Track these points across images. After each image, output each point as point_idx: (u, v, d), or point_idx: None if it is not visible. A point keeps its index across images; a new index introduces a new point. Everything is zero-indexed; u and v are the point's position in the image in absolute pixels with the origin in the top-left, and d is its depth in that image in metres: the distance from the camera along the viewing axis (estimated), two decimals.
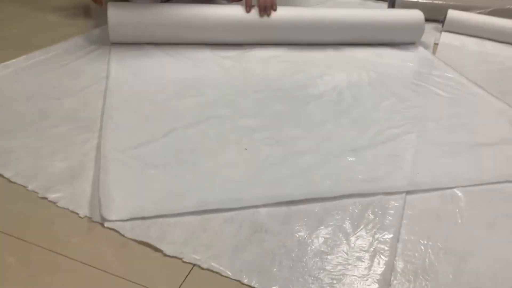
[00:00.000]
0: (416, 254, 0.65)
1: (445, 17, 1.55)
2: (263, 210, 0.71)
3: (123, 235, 0.64)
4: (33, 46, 1.17)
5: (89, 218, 0.67)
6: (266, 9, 1.22)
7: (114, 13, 1.14)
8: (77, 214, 0.67)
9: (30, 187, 0.71)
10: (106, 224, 0.65)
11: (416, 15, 1.38)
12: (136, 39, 1.19)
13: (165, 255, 0.62)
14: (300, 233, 0.67)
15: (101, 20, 1.42)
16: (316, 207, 0.72)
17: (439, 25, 1.58)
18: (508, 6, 1.61)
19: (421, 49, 1.39)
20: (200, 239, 0.64)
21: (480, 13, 1.60)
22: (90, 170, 0.76)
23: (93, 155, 0.80)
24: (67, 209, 0.68)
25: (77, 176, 0.74)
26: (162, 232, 0.65)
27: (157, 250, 0.62)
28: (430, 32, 1.54)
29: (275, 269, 0.61)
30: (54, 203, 0.69)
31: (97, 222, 0.66)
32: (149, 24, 1.17)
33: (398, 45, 1.39)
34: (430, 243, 0.67)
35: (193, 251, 0.62)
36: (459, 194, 0.77)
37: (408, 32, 1.38)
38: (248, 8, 1.22)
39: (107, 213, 0.66)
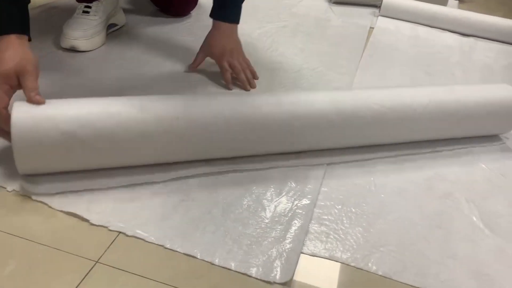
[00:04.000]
0: (330, 218, 0.71)
1: (381, 2, 1.62)
2: (192, 181, 0.74)
3: (51, 207, 0.66)
4: None
5: (17, 192, 0.68)
6: (250, 82, 1.04)
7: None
8: (5, 188, 0.68)
9: None
10: (34, 197, 0.67)
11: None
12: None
13: (92, 224, 0.64)
14: (225, 201, 0.71)
15: (36, 1, 1.40)
16: (243, 177, 0.76)
17: (376, 10, 1.66)
18: None
19: None
20: (128, 210, 0.67)
21: None
22: None
23: None
24: None
25: (5, 153, 0.75)
26: (90, 204, 0.67)
27: (84, 220, 0.65)
28: (367, 17, 1.61)
29: (198, 234, 0.65)
30: None
31: (26, 196, 0.67)
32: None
33: None
34: (344, 208, 0.73)
35: (119, 220, 0.65)
36: (376, 164, 0.84)
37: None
38: (230, 85, 1.03)
39: (34, 188, 0.68)
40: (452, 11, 1.64)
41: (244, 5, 1.07)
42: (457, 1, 1.94)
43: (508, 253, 0.68)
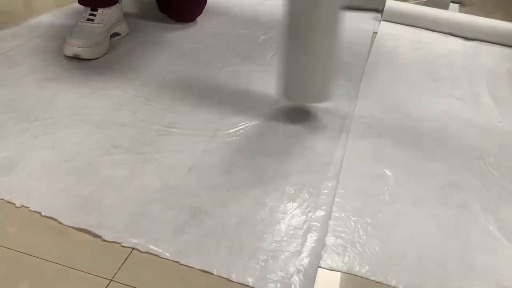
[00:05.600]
0: (346, 230, 0.69)
1: (383, 7, 1.62)
2: (203, 194, 0.73)
3: (61, 223, 0.65)
4: None
5: (26, 207, 0.66)
6: None
7: None
8: (14, 204, 0.67)
9: None
10: (44, 213, 0.65)
11: None
12: None
13: (104, 240, 0.63)
14: (238, 214, 0.70)
15: (39, 10, 1.38)
16: (254, 189, 0.75)
17: (378, 15, 1.65)
18: None
19: None
20: (140, 224, 0.66)
21: (416, 3, 1.69)
22: (28, 160, 0.75)
23: (31, 145, 0.79)
24: (3, 199, 0.67)
25: (14, 166, 0.73)
26: (102, 219, 0.66)
27: (96, 236, 0.63)
28: (369, 22, 1.61)
29: (213, 249, 0.63)
30: None
31: (35, 211, 0.66)
32: None
33: None
34: (359, 219, 0.72)
35: (132, 236, 0.63)
36: (388, 173, 0.83)
37: None
38: None
39: (44, 205, 0.66)
40: (454, 15, 1.63)
41: (247, 10, 1.05)
42: (458, 5, 1.94)
43: None
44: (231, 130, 0.90)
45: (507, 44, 1.56)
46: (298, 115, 0.98)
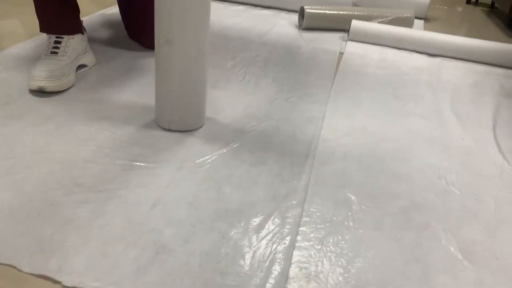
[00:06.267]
0: (310, 260, 0.70)
1: (349, 27, 1.65)
2: (167, 231, 0.73)
3: (20, 271, 0.63)
4: None
5: None
6: None
7: None
8: None
9: None
10: (1, 260, 0.64)
11: None
12: None
13: (64, 286, 0.62)
14: (202, 250, 0.70)
15: (9, 40, 1.37)
16: (219, 223, 0.75)
17: (345, 35, 1.69)
18: (406, 15, 1.75)
19: None
20: (101, 266, 0.65)
21: (381, 22, 1.73)
22: None
23: None
24: None
25: None
26: (62, 263, 0.65)
27: (56, 282, 0.62)
28: (336, 42, 1.64)
29: None
30: None
31: None
32: None
33: None
34: (323, 248, 0.72)
35: (93, 279, 0.63)
36: (353, 198, 0.84)
37: None
38: None
39: (2, 251, 0.65)
40: (418, 32, 1.68)
41: (216, 35, 1.07)
42: (423, 21, 2.00)
43: (487, 285, 0.69)
44: (197, 161, 0.91)
45: (469, 59, 1.61)
46: (265, 142, 0.99)
